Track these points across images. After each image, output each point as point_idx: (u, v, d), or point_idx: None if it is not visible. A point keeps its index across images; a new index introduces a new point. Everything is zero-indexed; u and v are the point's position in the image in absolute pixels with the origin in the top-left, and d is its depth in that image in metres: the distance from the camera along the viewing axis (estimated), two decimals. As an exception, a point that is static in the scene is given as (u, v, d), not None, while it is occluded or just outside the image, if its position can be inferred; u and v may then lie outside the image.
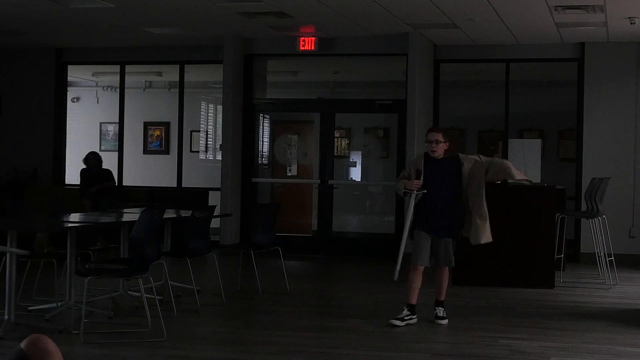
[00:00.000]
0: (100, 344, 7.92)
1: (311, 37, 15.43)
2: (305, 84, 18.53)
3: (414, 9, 12.90)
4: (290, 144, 17.87)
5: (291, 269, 12.61)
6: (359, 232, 16.91)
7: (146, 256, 8.55)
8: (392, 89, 16.40)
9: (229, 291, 10.60)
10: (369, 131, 17.75)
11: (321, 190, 16.09)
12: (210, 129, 19.63)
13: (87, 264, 9.10)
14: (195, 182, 17.27)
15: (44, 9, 13.05)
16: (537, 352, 7.80)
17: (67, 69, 17.63)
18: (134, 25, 14.52)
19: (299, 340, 8.33)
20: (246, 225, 15.50)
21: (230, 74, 15.84)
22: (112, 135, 18.95)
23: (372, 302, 10.73)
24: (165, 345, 7.86)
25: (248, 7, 12.98)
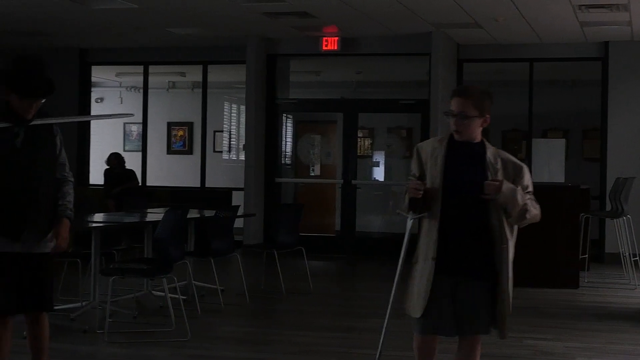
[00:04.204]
0: (124, 344, 7.95)
1: (334, 37, 15.43)
2: (328, 84, 18.53)
3: (437, 8, 12.87)
4: (314, 144, 17.87)
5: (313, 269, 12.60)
6: (382, 232, 16.88)
7: (170, 256, 8.58)
8: (415, 89, 16.38)
9: (252, 291, 10.62)
10: (392, 131, 17.73)
11: (344, 190, 16.08)
12: (234, 129, 19.68)
13: (112, 264, 9.13)
14: (219, 182, 17.30)
15: (68, 9, 13.10)
16: (561, 353, 7.78)
17: (91, 70, 17.71)
18: (157, 26, 14.56)
19: (321, 340, 8.34)
20: (269, 225, 15.51)
21: (253, 74, 15.86)
22: (135, 135, 19.03)
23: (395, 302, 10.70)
24: (189, 344, 7.89)
25: (271, 8, 12.99)
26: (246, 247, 14.45)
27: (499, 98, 17.30)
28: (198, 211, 11.11)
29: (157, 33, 15.19)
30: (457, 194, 5.15)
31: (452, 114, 5.17)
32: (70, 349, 7.73)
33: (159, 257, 8.77)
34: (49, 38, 15.80)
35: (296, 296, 10.87)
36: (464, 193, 5.14)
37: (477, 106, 5.16)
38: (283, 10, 13.13)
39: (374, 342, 8.23)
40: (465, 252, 5.15)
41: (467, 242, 5.15)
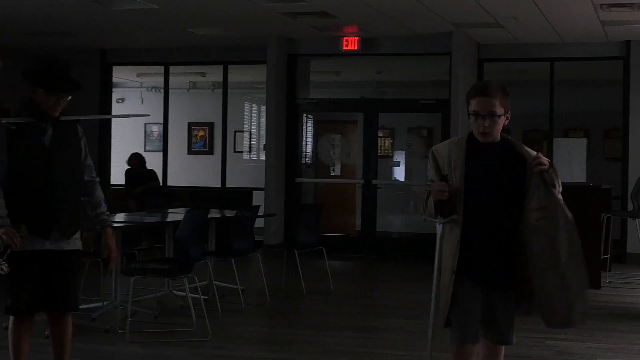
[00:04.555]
0: (145, 344, 7.98)
1: (354, 37, 15.42)
2: (348, 83, 18.52)
3: (457, 8, 12.85)
4: (334, 144, 17.87)
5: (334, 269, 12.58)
6: (402, 232, 16.87)
7: (191, 256, 8.60)
8: (436, 89, 16.34)
9: (273, 291, 10.63)
10: (413, 131, 17.71)
11: (365, 190, 16.07)
12: (254, 129, 19.70)
13: (133, 264, 9.16)
14: (239, 182, 17.32)
15: (89, 10, 13.15)
16: (583, 353, 7.75)
17: (112, 70, 17.77)
18: (178, 26, 14.60)
19: (342, 340, 8.34)
20: (290, 225, 15.51)
21: (274, 74, 15.87)
22: (156, 135, 19.08)
23: (416, 302, 10.69)
24: (209, 344, 7.90)
25: (291, 8, 13.00)
26: (267, 247, 14.46)
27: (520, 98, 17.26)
28: (219, 211, 11.14)
29: (178, 33, 15.23)
30: (480, 199, 4.84)
31: (479, 115, 4.86)
32: (91, 348, 7.75)
33: (179, 257, 8.80)
34: (70, 39, 15.86)
35: (317, 296, 10.87)
36: (488, 197, 4.84)
37: (503, 104, 4.92)
38: (303, 10, 13.13)
39: (395, 342, 8.24)
40: (491, 261, 4.87)
41: (493, 250, 4.86)
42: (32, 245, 5.41)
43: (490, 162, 4.89)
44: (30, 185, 5.44)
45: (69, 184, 5.59)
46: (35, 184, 5.44)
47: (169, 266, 8.91)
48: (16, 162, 5.41)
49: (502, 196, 4.83)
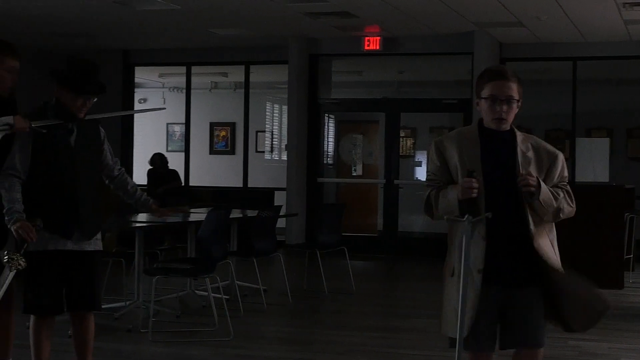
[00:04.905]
0: (167, 343, 7.99)
1: (376, 36, 15.41)
2: (370, 83, 18.51)
3: (479, 7, 12.82)
4: (356, 144, 17.86)
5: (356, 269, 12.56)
6: (424, 232, 16.84)
7: (213, 256, 8.61)
8: (458, 88, 16.31)
9: (295, 291, 10.63)
10: (435, 130, 17.67)
11: (387, 190, 16.06)
12: (276, 129, 19.71)
13: (155, 264, 9.19)
14: (261, 182, 17.34)
15: (112, 11, 13.20)
16: (606, 354, 7.71)
17: (134, 71, 17.84)
18: (199, 27, 14.63)
19: (364, 340, 8.33)
20: (312, 225, 15.52)
21: (295, 74, 15.88)
22: (178, 135, 19.12)
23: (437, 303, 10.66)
24: (232, 344, 7.91)
25: (313, 8, 13.00)
26: (288, 247, 14.47)
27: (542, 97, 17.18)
28: (240, 211, 11.14)
29: (200, 34, 15.26)
30: (497, 192, 4.49)
31: (497, 99, 4.49)
32: (114, 347, 7.78)
33: (201, 257, 8.81)
34: (93, 40, 15.92)
35: (338, 296, 10.87)
36: (505, 190, 4.49)
37: (519, 89, 4.56)
38: (325, 10, 13.13)
39: (416, 342, 8.22)
40: (512, 257, 4.52)
41: (513, 246, 4.52)
42: (55, 245, 5.44)
43: (504, 153, 4.57)
44: (56, 186, 5.46)
45: (91, 185, 5.64)
46: (60, 184, 5.47)
47: (191, 266, 8.93)
48: (41, 161, 5.43)
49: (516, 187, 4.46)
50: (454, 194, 4.47)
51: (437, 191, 4.58)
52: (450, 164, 4.58)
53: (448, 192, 4.53)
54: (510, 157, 4.54)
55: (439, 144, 4.63)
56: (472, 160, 4.51)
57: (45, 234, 5.40)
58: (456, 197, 4.45)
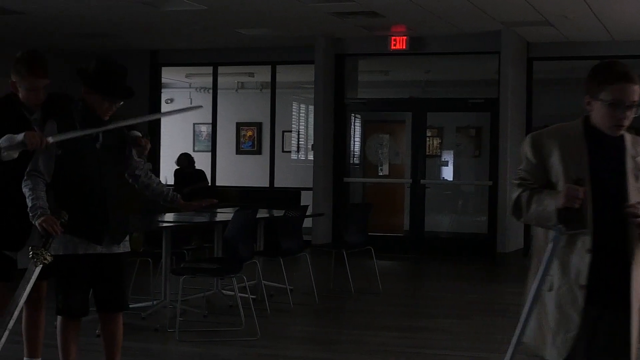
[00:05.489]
0: (194, 343, 8.02)
1: (402, 36, 15.38)
2: (396, 83, 18.49)
3: (506, 6, 12.78)
4: (382, 144, 17.84)
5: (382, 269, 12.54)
6: (451, 232, 16.81)
7: (240, 256, 8.63)
8: (484, 88, 16.26)
9: (321, 291, 10.63)
10: (461, 130, 17.63)
11: (413, 190, 16.03)
12: (302, 129, 19.73)
13: (182, 264, 9.22)
14: (288, 182, 17.35)
15: (139, 12, 13.25)
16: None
17: (161, 71, 17.90)
18: (226, 27, 14.66)
19: (390, 340, 8.33)
20: (338, 224, 15.51)
21: (322, 74, 15.88)
22: (205, 136, 19.18)
23: (464, 302, 10.66)
24: (258, 344, 7.93)
25: (339, 7, 13.00)
26: (315, 247, 14.47)
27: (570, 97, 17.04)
28: (267, 211, 11.16)
29: (226, 34, 15.29)
30: (603, 202, 3.97)
31: (621, 105, 3.99)
32: (141, 347, 7.81)
33: (228, 257, 8.83)
34: (121, 40, 15.99)
35: (365, 296, 10.86)
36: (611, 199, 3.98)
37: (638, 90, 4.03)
38: (351, 9, 13.12)
39: (443, 342, 8.21)
40: (616, 274, 3.98)
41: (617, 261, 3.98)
42: (85, 249, 5.46)
43: (613, 158, 4.05)
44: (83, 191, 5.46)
45: (118, 188, 5.64)
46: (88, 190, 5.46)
47: (218, 266, 8.95)
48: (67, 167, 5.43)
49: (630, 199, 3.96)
50: (553, 201, 3.94)
51: (530, 194, 4.06)
52: (547, 163, 4.07)
53: (544, 198, 4.01)
54: (619, 162, 4.04)
55: (536, 140, 4.12)
56: (579, 165, 4.00)
57: (75, 238, 5.42)
58: (554, 206, 3.92)
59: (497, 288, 12.20)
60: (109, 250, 5.52)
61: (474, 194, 17.25)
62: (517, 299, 9.23)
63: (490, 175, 15.30)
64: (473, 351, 7.85)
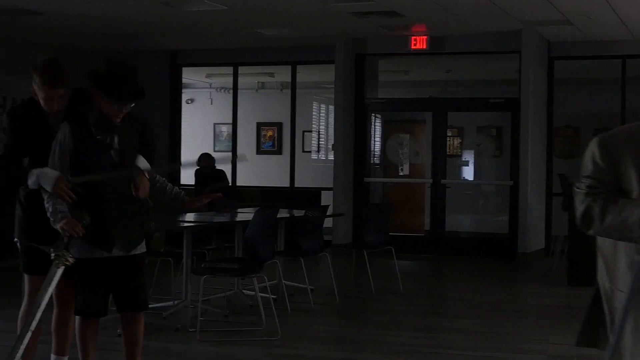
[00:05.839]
0: (215, 342, 8.03)
1: (423, 35, 15.35)
2: (417, 83, 18.47)
3: (527, 5, 12.74)
4: (402, 144, 17.83)
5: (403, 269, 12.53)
6: (471, 232, 16.78)
7: (260, 255, 8.64)
8: (505, 87, 16.22)
9: (342, 290, 10.64)
10: (482, 130, 17.60)
11: (434, 190, 16.00)
12: (322, 129, 19.74)
13: (203, 263, 9.23)
14: (308, 182, 17.35)
15: (160, 13, 13.28)
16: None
17: (181, 71, 17.93)
18: (246, 27, 14.68)
19: (411, 340, 8.32)
20: (358, 224, 15.49)
21: (342, 74, 15.88)
22: (225, 136, 19.20)
23: (485, 302, 10.64)
24: (279, 343, 7.93)
25: (359, 7, 12.99)
26: (335, 247, 14.46)
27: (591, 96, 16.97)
28: (287, 211, 11.16)
29: (247, 34, 15.31)
30: None
31: None
32: (162, 347, 7.83)
33: (249, 257, 8.84)
34: (141, 41, 16.03)
35: (386, 296, 10.86)
36: None
37: None
38: (371, 9, 13.12)
39: (464, 342, 8.20)
40: None
41: None
42: (102, 253, 5.45)
43: None
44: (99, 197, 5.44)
45: (132, 195, 5.57)
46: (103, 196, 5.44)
47: (238, 265, 8.97)
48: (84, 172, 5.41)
49: None
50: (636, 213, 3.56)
51: (604, 204, 3.66)
52: (618, 168, 3.70)
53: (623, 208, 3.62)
54: None
55: (606, 142, 3.75)
56: None
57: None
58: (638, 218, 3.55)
59: (517, 288, 12.17)
60: (126, 253, 5.52)
61: (495, 193, 17.21)
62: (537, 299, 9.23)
63: (511, 175, 15.26)
64: (494, 351, 7.84)
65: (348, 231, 15.88)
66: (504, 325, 9.07)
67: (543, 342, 8.27)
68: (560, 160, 16.13)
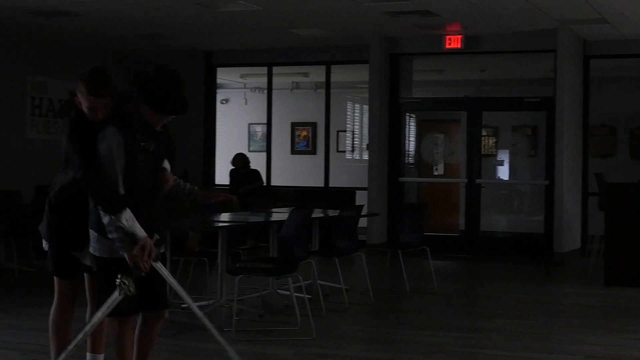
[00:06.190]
0: (250, 342, 8.04)
1: (457, 35, 15.31)
2: (451, 82, 18.42)
3: (562, 4, 12.68)
4: (437, 143, 17.79)
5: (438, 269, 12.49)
6: (507, 232, 16.71)
7: (295, 255, 8.65)
8: (540, 86, 16.14)
9: (376, 290, 10.62)
10: (517, 129, 17.52)
11: (468, 189, 15.95)
12: (357, 129, 19.74)
13: (238, 263, 9.25)
14: (342, 181, 17.36)
15: (194, 13, 13.33)
16: None
17: (216, 72, 17.99)
18: (280, 27, 14.71)
19: (446, 340, 8.29)
20: (393, 224, 15.49)
21: (376, 74, 15.87)
22: (260, 136, 19.25)
23: (521, 302, 10.59)
24: (314, 343, 7.94)
25: (393, 7, 12.98)
26: (370, 247, 14.46)
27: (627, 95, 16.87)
28: (322, 211, 11.17)
29: (281, 34, 15.34)
30: None
31: None
32: (197, 346, 7.85)
33: (284, 256, 8.86)
34: (175, 41, 16.10)
35: (421, 296, 10.83)
36: None
37: None
38: (405, 9, 13.10)
39: (499, 342, 8.17)
40: None
41: None
42: None
43: None
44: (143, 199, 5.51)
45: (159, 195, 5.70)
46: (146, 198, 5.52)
47: (273, 265, 8.98)
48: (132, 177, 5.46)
49: None
50: None
51: None
52: None
53: None
54: None
55: None
56: None
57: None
58: None
59: (553, 288, 12.10)
60: None
61: (530, 193, 17.13)
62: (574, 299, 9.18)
63: (546, 174, 15.18)
64: (529, 352, 7.80)
65: (383, 231, 15.87)
66: (539, 326, 9.02)
67: (579, 342, 8.22)
68: (595, 159, 16.04)
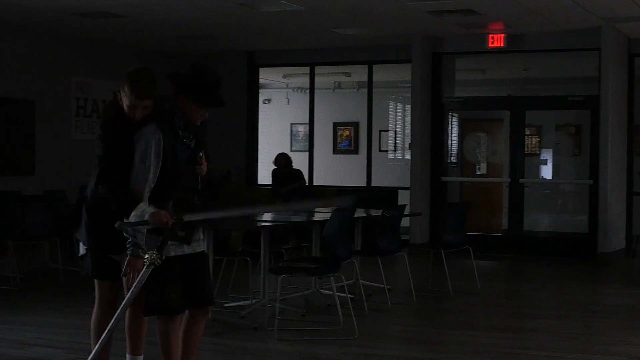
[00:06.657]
0: (293, 341, 8.07)
1: (500, 33, 15.24)
2: (494, 81, 18.34)
3: (606, 1, 12.58)
4: (480, 143, 17.72)
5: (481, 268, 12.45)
6: (550, 232, 16.60)
7: (337, 255, 8.66)
8: (584, 85, 16.01)
9: (419, 290, 10.61)
10: (561, 128, 17.40)
11: (512, 189, 15.87)
12: (399, 128, 19.71)
13: (280, 263, 9.27)
14: (385, 181, 17.34)
15: (237, 14, 13.38)
16: None
17: (258, 72, 18.04)
18: (322, 27, 14.71)
19: (490, 340, 8.26)
20: (436, 224, 15.45)
21: (419, 73, 15.83)
22: (302, 135, 19.28)
23: (565, 303, 10.52)
24: (356, 343, 7.94)
25: (436, 6, 12.95)
26: (412, 247, 14.43)
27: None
28: (364, 210, 11.16)
29: (323, 34, 15.35)
30: None
31: None
32: (240, 345, 7.89)
33: (326, 256, 8.86)
34: (218, 42, 16.17)
35: (464, 296, 10.79)
36: None
37: None
38: (448, 8, 13.06)
39: (542, 343, 8.12)
40: None
41: None
42: (175, 252, 5.56)
43: None
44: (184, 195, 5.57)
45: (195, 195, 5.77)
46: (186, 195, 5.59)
47: (316, 265, 8.99)
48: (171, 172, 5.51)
49: None
50: None
51: None
52: None
53: None
54: None
55: None
56: None
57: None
58: None
59: (598, 289, 12.01)
60: (193, 250, 5.65)
61: (574, 193, 17.00)
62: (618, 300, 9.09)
63: (590, 173, 15.06)
64: (574, 352, 7.75)
65: (425, 231, 15.83)
66: (583, 326, 8.96)
67: (623, 343, 8.15)
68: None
